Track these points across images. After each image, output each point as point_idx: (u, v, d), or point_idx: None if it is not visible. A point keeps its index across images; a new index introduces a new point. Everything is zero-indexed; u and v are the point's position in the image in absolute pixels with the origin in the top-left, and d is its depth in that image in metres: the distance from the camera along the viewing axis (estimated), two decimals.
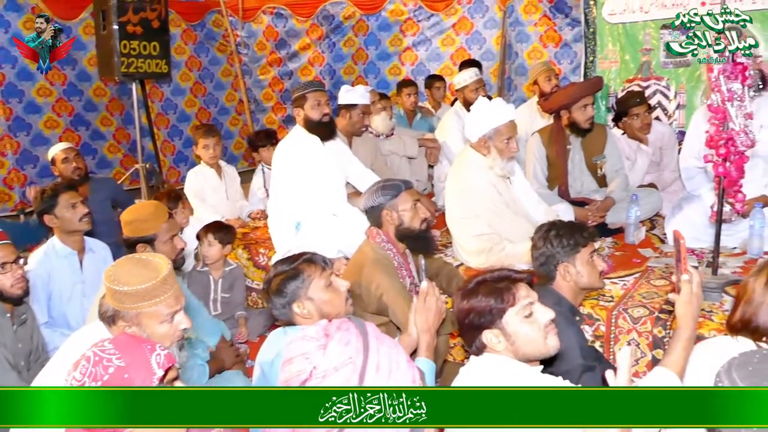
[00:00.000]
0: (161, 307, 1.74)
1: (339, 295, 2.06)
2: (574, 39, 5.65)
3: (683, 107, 4.98)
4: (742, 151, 2.65)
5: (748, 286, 1.73)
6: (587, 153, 3.84)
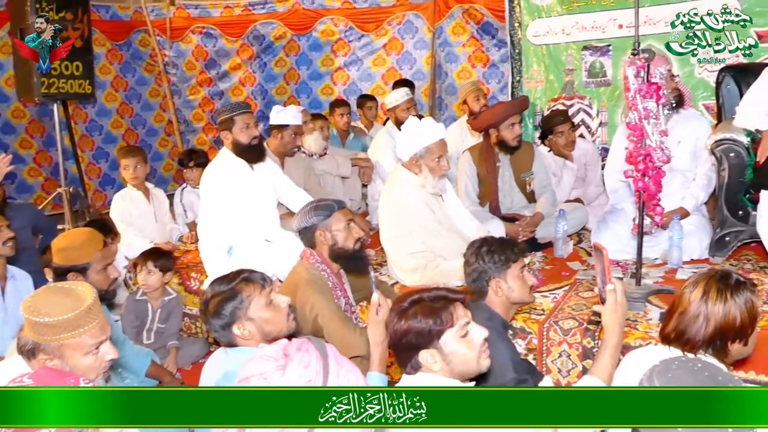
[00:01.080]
0: (86, 337, 1.66)
1: (280, 313, 2.00)
2: (501, 59, 5.82)
3: (605, 125, 5.19)
4: (660, 167, 2.78)
5: (683, 297, 1.78)
6: (516, 170, 3.94)
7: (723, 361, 1.73)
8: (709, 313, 1.71)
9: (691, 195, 3.50)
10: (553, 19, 5.28)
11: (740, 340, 1.74)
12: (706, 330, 1.71)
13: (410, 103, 4.59)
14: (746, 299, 1.73)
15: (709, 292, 1.73)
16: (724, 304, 1.71)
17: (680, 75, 4.77)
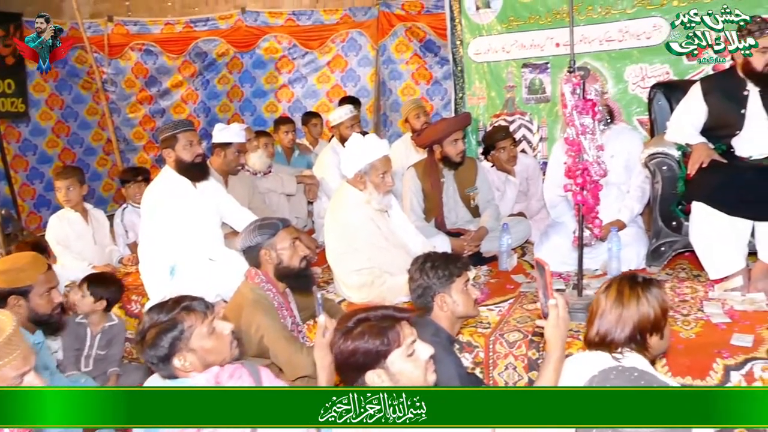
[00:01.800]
0: (7, 370, 1.55)
1: (223, 341, 1.89)
2: (444, 77, 5.92)
3: (545, 140, 5.33)
4: (597, 180, 2.87)
5: (599, 302, 1.88)
6: (460, 185, 3.99)
7: (647, 356, 1.83)
8: (627, 312, 1.81)
9: (627, 207, 3.61)
10: (493, 37, 5.40)
11: (657, 333, 1.84)
12: (626, 328, 1.81)
13: (354, 120, 4.61)
14: (655, 294, 1.84)
15: (622, 292, 1.84)
16: (638, 301, 1.82)
17: (615, 92, 4.99)
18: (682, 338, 2.63)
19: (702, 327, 2.73)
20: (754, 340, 2.53)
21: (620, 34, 4.99)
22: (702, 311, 2.89)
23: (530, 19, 5.25)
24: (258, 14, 6.45)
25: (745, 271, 3.08)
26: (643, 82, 4.88)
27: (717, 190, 3.07)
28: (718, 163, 3.17)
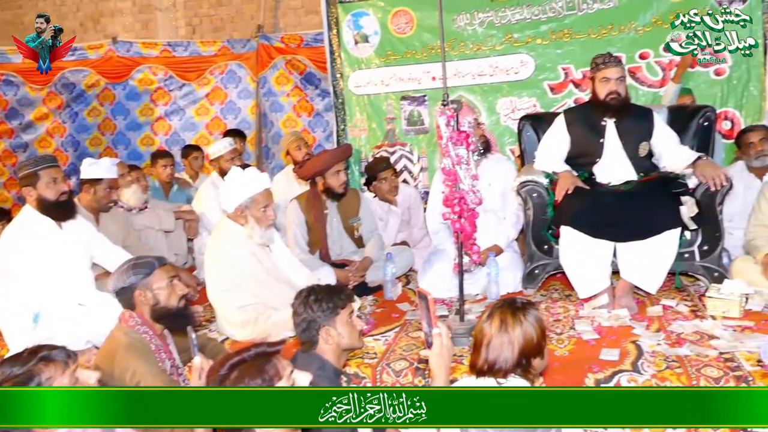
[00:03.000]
0: None
1: None
2: (325, 109, 5.97)
3: (426, 169, 5.51)
4: (473, 208, 2.98)
5: (484, 331, 1.91)
6: (344, 216, 4.01)
7: (530, 379, 1.88)
8: (512, 338, 1.86)
9: (504, 233, 3.79)
10: (372, 70, 5.54)
11: (539, 354, 1.91)
12: (513, 354, 1.85)
13: (235, 152, 4.52)
14: (535, 317, 1.91)
15: (505, 320, 1.88)
16: (521, 326, 1.87)
17: (488, 123, 5.24)
18: (557, 356, 2.76)
19: (574, 344, 2.89)
20: (620, 354, 2.71)
21: (491, 69, 5.29)
22: (574, 329, 3.06)
23: (407, 53, 5.44)
24: (131, 44, 6.22)
25: (609, 289, 3.31)
26: (514, 114, 5.19)
27: (581, 215, 3.29)
28: (581, 190, 3.40)
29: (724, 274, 3.31)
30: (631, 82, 4.89)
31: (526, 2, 5.11)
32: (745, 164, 4.00)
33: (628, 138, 3.51)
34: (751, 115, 4.74)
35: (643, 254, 3.23)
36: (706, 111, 3.86)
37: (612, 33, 4.96)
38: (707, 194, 3.30)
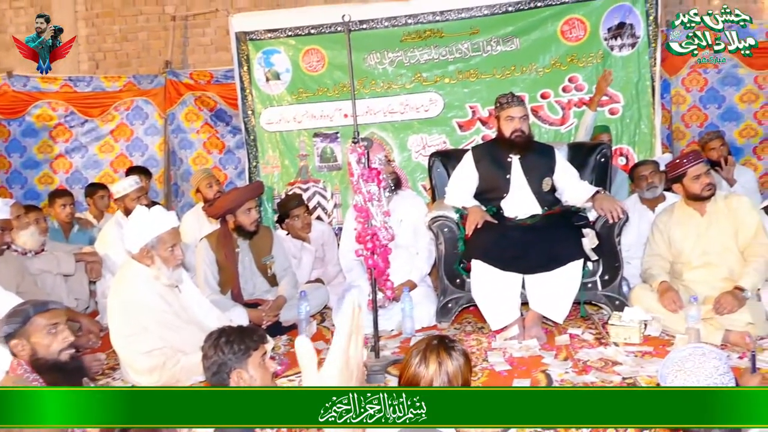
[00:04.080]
0: None
1: None
2: (236, 146, 5.88)
3: (339, 206, 5.51)
4: (386, 244, 3.00)
5: (419, 375, 1.84)
6: (256, 255, 3.93)
7: None
8: (450, 375, 1.84)
9: (417, 268, 3.83)
10: (284, 107, 5.54)
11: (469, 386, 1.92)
12: None
13: (141, 191, 4.36)
14: (462, 351, 1.91)
15: (440, 357, 1.86)
16: (455, 360, 1.86)
17: (400, 159, 5.34)
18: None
19: (487, 376, 2.94)
20: (531, 383, 2.78)
21: (402, 107, 5.41)
22: (487, 361, 3.11)
23: (319, 91, 5.49)
24: (28, 79, 5.92)
25: (520, 321, 3.40)
26: (424, 150, 5.30)
27: (490, 249, 3.39)
28: (490, 224, 3.50)
29: (625, 302, 3.48)
30: (534, 120, 5.14)
31: (433, 43, 5.28)
32: (638, 196, 4.26)
33: (532, 174, 3.67)
34: (644, 151, 5.08)
35: (550, 285, 3.35)
36: (603, 148, 4.10)
37: (515, 74, 5.22)
38: (606, 226, 3.48)
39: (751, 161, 5.29)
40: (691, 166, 3.35)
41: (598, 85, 4.80)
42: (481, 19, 5.20)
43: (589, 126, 4.74)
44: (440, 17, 5.24)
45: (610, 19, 5.05)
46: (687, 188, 3.39)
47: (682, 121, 5.38)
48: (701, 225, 3.39)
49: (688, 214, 3.45)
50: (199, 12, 6.16)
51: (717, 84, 5.30)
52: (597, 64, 5.06)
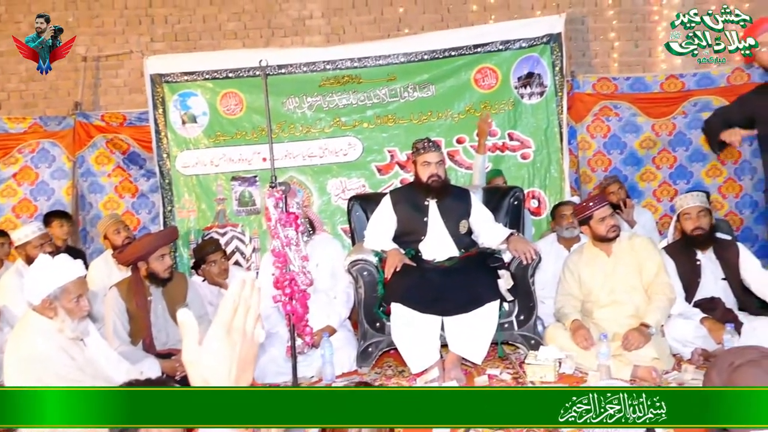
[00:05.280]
0: None
1: None
2: (150, 189, 5.71)
3: (258, 250, 5.42)
4: (304, 290, 2.97)
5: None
6: (170, 302, 3.78)
7: None
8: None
9: (335, 313, 3.79)
10: (201, 150, 5.45)
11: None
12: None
13: (44, 238, 4.13)
14: None
15: None
16: None
17: (320, 203, 5.34)
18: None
19: None
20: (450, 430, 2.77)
21: (321, 151, 5.43)
22: None
23: (237, 134, 5.44)
24: None
25: (439, 363, 3.41)
26: (344, 194, 5.33)
27: (409, 291, 3.41)
28: (409, 267, 3.53)
29: (540, 341, 3.56)
30: (451, 164, 5.29)
31: (352, 89, 5.36)
32: (556, 236, 4.42)
33: (449, 217, 3.74)
34: (554, 194, 5.31)
35: (468, 327, 3.40)
36: (516, 191, 4.25)
37: (432, 119, 5.36)
38: (520, 267, 3.58)
39: (651, 203, 5.62)
40: (596, 209, 3.52)
41: (479, 128, 4.96)
42: (398, 66, 5.34)
43: (481, 169, 4.89)
44: (358, 63, 5.35)
45: (519, 69, 5.31)
46: (594, 230, 3.55)
47: (588, 166, 5.67)
48: (608, 265, 3.55)
49: (595, 254, 3.61)
50: (112, 53, 6.01)
51: (618, 131, 5.63)
52: (509, 111, 5.29)
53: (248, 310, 0.94)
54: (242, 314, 0.93)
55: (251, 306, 0.94)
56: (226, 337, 0.91)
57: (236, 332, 0.92)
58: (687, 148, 5.61)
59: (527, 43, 5.28)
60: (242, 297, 0.93)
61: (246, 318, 0.93)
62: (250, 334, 0.95)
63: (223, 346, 0.91)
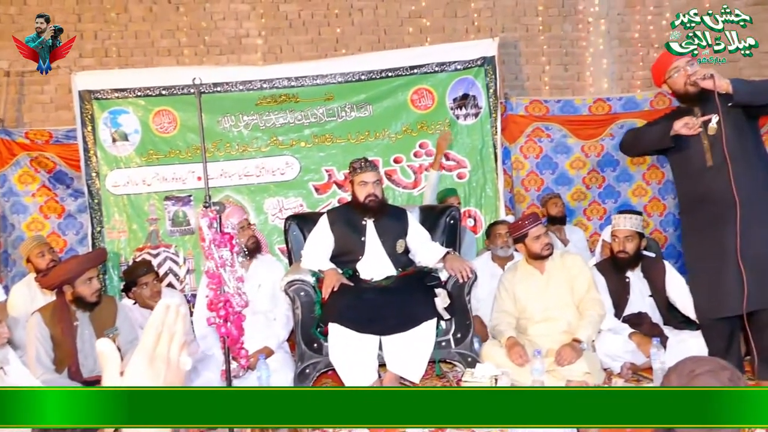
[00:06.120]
0: None
1: None
2: (78, 210, 5.49)
3: (193, 271, 5.29)
4: (239, 311, 2.91)
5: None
6: (97, 327, 3.62)
7: None
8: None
9: (274, 334, 3.72)
10: (132, 169, 5.30)
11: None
12: None
13: None
14: None
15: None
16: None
17: (257, 223, 5.25)
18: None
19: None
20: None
21: (258, 170, 5.38)
22: None
23: (170, 153, 5.32)
24: None
25: (378, 382, 3.39)
26: (281, 213, 5.28)
27: (347, 311, 3.39)
28: (346, 287, 3.51)
29: (476, 359, 3.60)
30: (388, 183, 5.32)
31: (289, 108, 5.35)
32: (491, 254, 4.49)
33: (386, 236, 3.76)
34: (490, 213, 5.42)
35: (406, 346, 3.40)
36: (452, 210, 4.31)
37: (369, 139, 5.40)
38: (457, 286, 3.62)
39: (582, 222, 5.81)
40: (532, 227, 3.61)
41: (438, 145, 5.04)
42: (336, 86, 5.36)
43: (434, 185, 4.95)
44: (295, 83, 5.34)
45: (455, 90, 5.42)
46: (528, 248, 3.63)
47: (522, 185, 5.82)
48: (541, 282, 3.64)
49: (529, 272, 3.69)
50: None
51: (550, 152, 5.81)
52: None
53: (172, 337, 0.90)
54: (166, 342, 0.89)
55: (175, 333, 0.91)
56: (149, 366, 0.87)
57: (160, 360, 0.88)
58: (615, 168, 5.85)
59: (462, 66, 5.40)
60: (165, 323, 0.89)
61: (170, 345, 0.90)
62: (175, 362, 0.91)
63: (145, 375, 0.87)
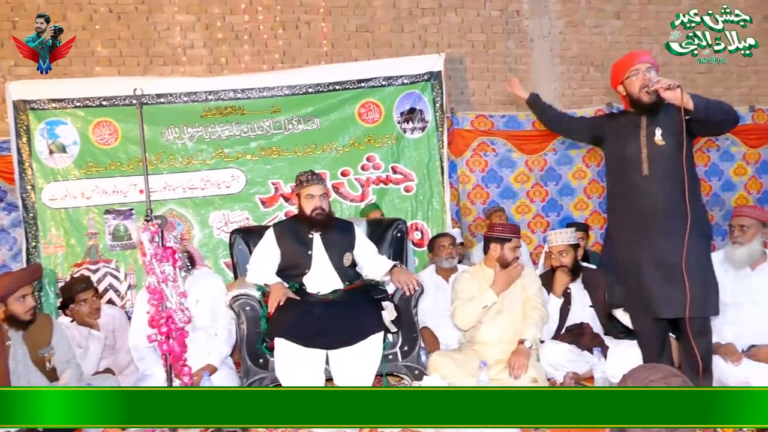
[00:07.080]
0: None
1: None
2: (12, 224, 5.28)
3: (134, 287, 5.14)
4: (182, 327, 2.84)
5: None
6: (32, 347, 3.47)
7: None
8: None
9: (216, 350, 3.64)
10: (70, 182, 5.14)
11: None
12: None
13: None
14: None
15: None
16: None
17: (201, 236, 5.17)
18: None
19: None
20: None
21: (202, 183, 5.29)
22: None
23: (111, 165, 5.19)
24: None
25: None
26: (227, 227, 5.20)
27: (293, 326, 3.35)
28: (293, 301, 3.47)
29: (423, 371, 3.61)
30: (335, 196, 5.31)
31: (235, 120, 5.29)
32: (435, 267, 4.52)
33: (333, 250, 3.74)
34: (436, 226, 5.46)
35: (353, 359, 3.37)
36: (399, 224, 4.32)
37: (316, 152, 5.38)
38: (403, 299, 3.62)
39: (527, 235, 5.93)
40: (516, 237, 3.70)
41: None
42: (282, 99, 5.33)
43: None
44: (241, 95, 5.29)
45: (402, 104, 5.47)
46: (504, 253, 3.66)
47: (468, 199, 5.90)
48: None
49: (487, 274, 3.70)
50: None
51: (495, 166, 5.92)
52: (392, 144, 5.42)
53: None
54: None
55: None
56: None
57: None
58: (557, 182, 6.00)
59: (409, 80, 5.46)
60: None
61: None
62: None
63: None
